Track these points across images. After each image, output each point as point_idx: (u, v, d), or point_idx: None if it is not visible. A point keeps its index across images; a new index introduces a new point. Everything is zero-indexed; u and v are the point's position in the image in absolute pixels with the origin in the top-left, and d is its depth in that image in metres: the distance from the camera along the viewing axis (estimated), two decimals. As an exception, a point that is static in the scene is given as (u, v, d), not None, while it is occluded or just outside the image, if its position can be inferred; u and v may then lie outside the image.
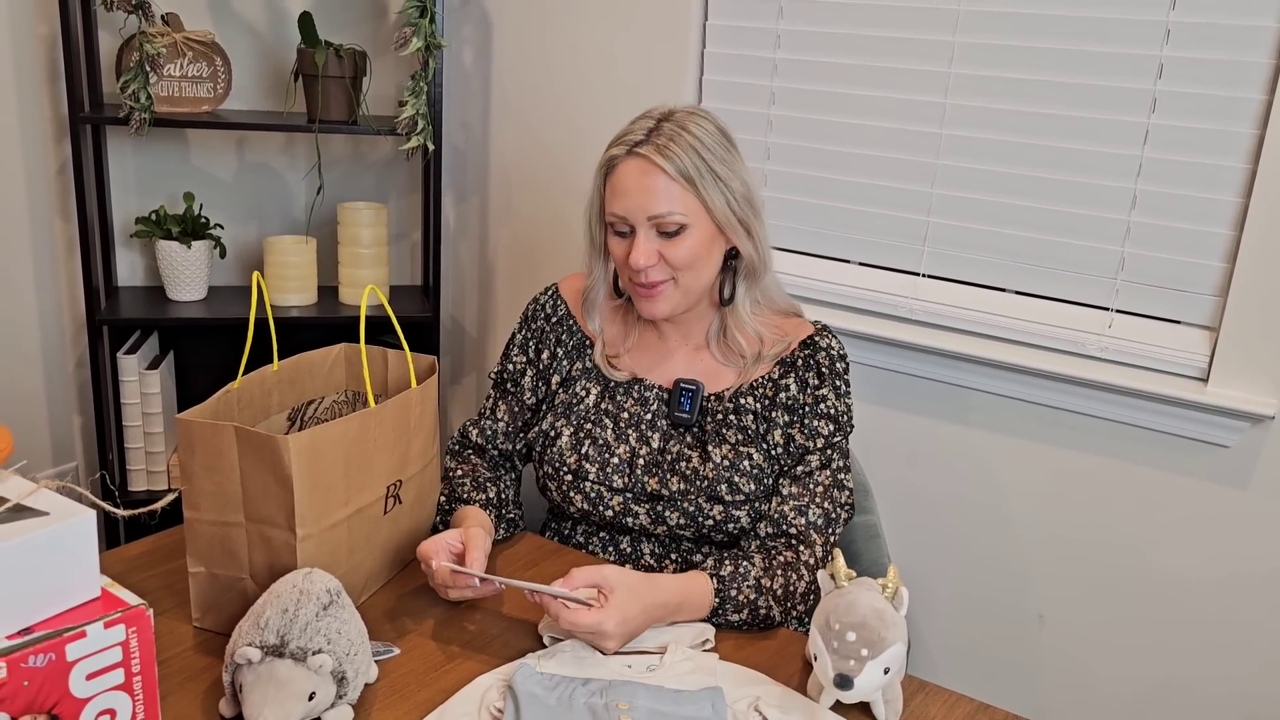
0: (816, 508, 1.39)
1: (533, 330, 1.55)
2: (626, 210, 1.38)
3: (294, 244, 2.40)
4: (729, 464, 1.41)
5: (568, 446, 1.46)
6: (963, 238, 1.89)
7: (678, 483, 1.42)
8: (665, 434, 1.46)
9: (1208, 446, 1.70)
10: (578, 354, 1.53)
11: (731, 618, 1.28)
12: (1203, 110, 1.65)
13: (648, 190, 1.37)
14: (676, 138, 1.37)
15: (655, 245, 1.38)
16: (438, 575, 1.25)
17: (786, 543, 1.38)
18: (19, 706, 0.79)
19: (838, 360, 1.45)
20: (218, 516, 1.17)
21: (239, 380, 1.28)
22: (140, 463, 2.38)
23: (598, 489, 1.44)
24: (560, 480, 1.46)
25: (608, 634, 1.16)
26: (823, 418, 1.42)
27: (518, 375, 1.54)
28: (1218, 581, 1.72)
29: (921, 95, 1.88)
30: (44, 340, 2.46)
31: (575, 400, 1.50)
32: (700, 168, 1.37)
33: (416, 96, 2.22)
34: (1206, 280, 1.69)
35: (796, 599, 1.33)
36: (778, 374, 1.45)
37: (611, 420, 1.47)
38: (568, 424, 1.48)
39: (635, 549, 1.47)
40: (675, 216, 1.37)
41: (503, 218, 2.49)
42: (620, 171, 1.39)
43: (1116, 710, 1.84)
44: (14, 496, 0.85)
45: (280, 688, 1.01)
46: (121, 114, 2.16)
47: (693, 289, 1.42)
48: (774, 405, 1.44)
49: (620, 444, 1.45)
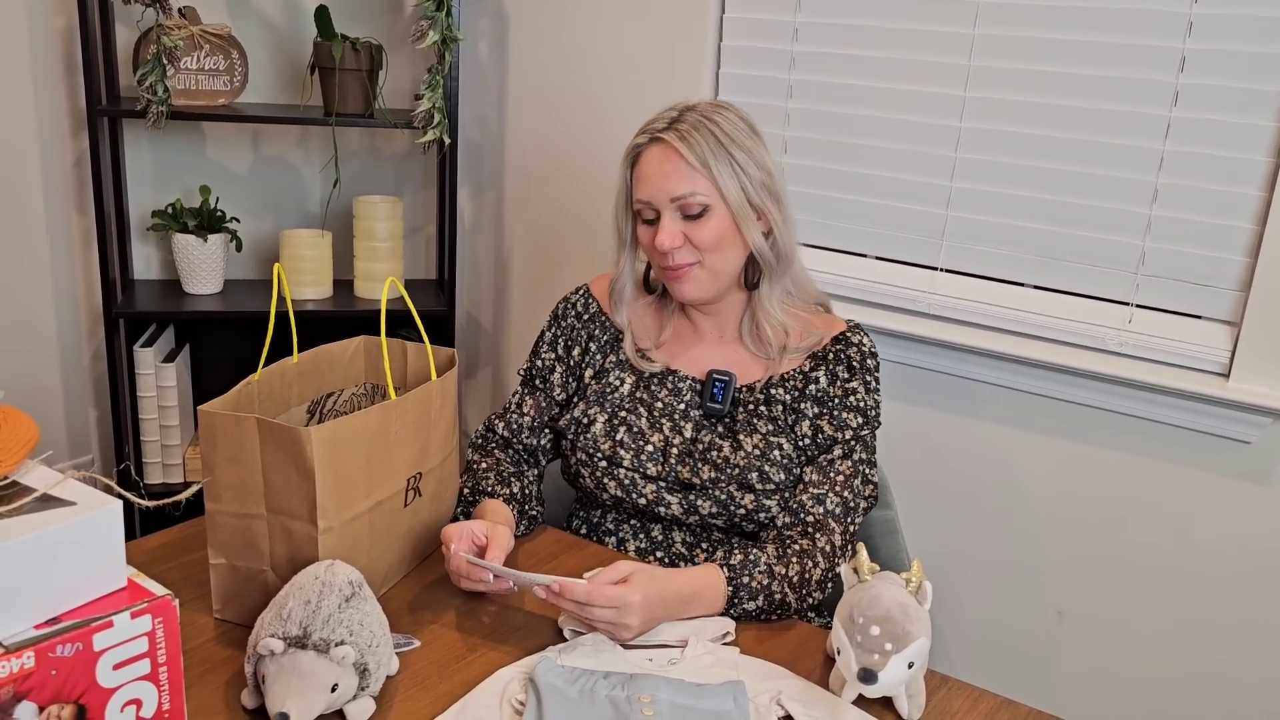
0: (835, 496, 1.40)
1: (563, 328, 1.56)
2: (650, 195, 1.41)
3: (310, 237, 2.40)
4: (760, 453, 1.42)
5: (602, 433, 1.47)
6: (981, 232, 1.88)
7: (709, 471, 1.42)
8: (697, 424, 1.47)
9: (1229, 442, 1.69)
10: (611, 348, 1.54)
11: (748, 605, 1.29)
12: (1225, 103, 1.63)
13: (668, 173, 1.39)
14: (699, 125, 1.39)
15: (680, 227, 1.40)
16: (453, 562, 1.25)
17: (803, 531, 1.38)
18: (46, 696, 0.79)
19: (869, 356, 1.46)
20: (239, 508, 1.17)
21: (259, 372, 1.28)
22: (156, 455, 2.38)
23: (631, 476, 1.45)
24: (594, 466, 1.47)
25: (633, 607, 1.16)
26: (851, 410, 1.43)
27: (546, 372, 1.55)
28: (1239, 578, 1.71)
29: (940, 88, 1.87)
30: (60, 333, 2.47)
31: (609, 389, 1.50)
32: (717, 152, 1.38)
33: (433, 90, 2.21)
34: (1228, 275, 1.68)
35: (812, 586, 1.33)
36: (808, 366, 1.46)
37: (646, 409, 1.48)
38: (601, 411, 1.49)
39: (667, 537, 1.47)
40: (697, 198, 1.38)
41: (519, 211, 2.48)
42: (644, 158, 1.42)
43: (1138, 705, 1.84)
44: (41, 486, 0.85)
45: (303, 679, 1.01)
46: (139, 107, 2.16)
47: (721, 272, 1.43)
48: (803, 397, 1.44)
49: (654, 433, 1.46)
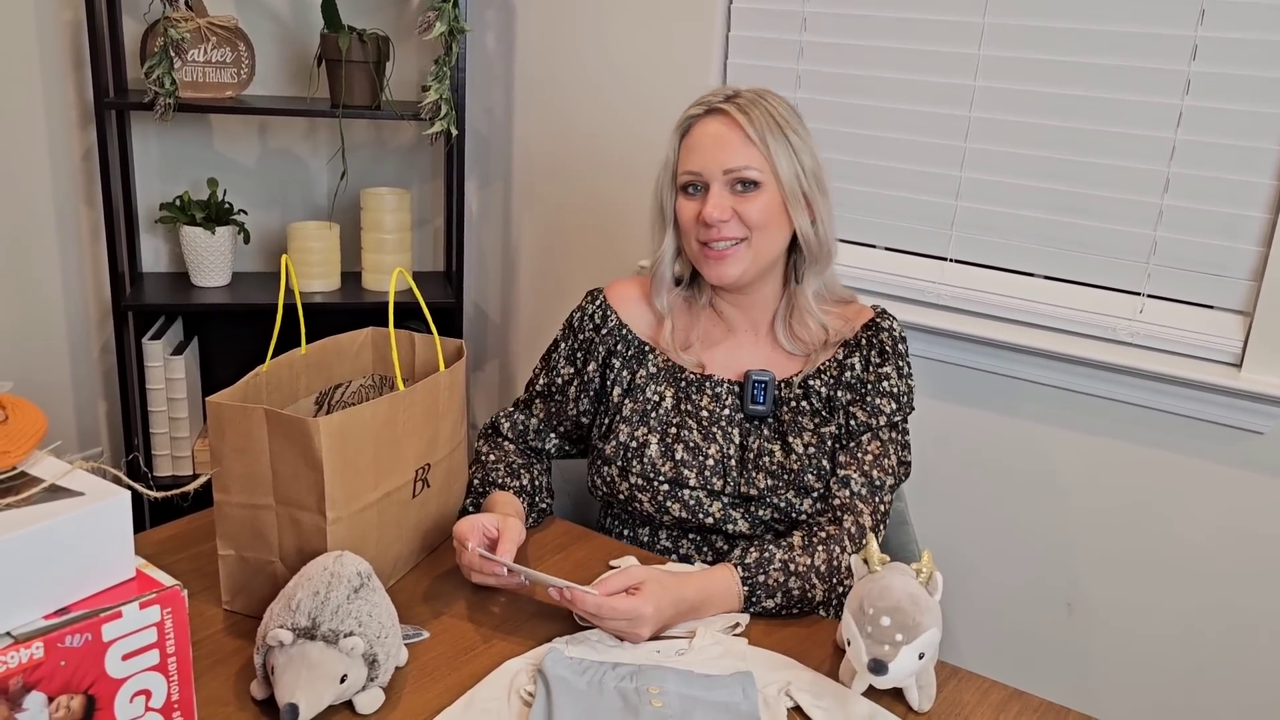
0: (861, 476, 1.38)
1: (580, 341, 1.50)
2: (702, 165, 1.38)
3: (317, 229, 2.40)
4: (814, 449, 1.39)
5: (659, 454, 1.41)
6: (991, 222, 1.87)
7: (764, 479, 1.39)
8: (743, 429, 1.42)
9: (1242, 433, 1.68)
10: (638, 362, 1.48)
11: (766, 604, 1.27)
12: (1237, 92, 1.62)
13: (725, 144, 1.37)
14: (756, 103, 1.39)
15: (729, 200, 1.38)
16: (465, 556, 1.25)
17: (831, 516, 1.36)
18: (56, 686, 0.79)
19: (900, 341, 1.45)
20: (247, 499, 1.17)
21: (268, 363, 1.27)
22: (165, 448, 2.39)
23: (696, 495, 1.40)
24: (655, 490, 1.41)
25: (645, 619, 1.15)
26: (885, 395, 1.41)
27: (565, 386, 1.50)
28: (1252, 569, 1.70)
29: (950, 78, 1.86)
30: (69, 326, 2.47)
31: (650, 406, 1.45)
32: (774, 131, 1.38)
33: (440, 81, 2.21)
34: (1241, 264, 1.66)
35: (843, 573, 1.30)
36: (842, 355, 1.43)
37: (694, 421, 1.43)
38: (651, 431, 1.43)
39: (730, 544, 1.42)
40: (751, 171, 1.37)
41: (526, 203, 2.48)
42: (698, 129, 1.40)
43: (1149, 697, 1.83)
44: (49, 477, 0.85)
45: (312, 670, 1.01)
46: (146, 100, 2.16)
47: (763, 253, 1.40)
48: (839, 384, 1.42)
49: (710, 444, 1.41)
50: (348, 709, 1.05)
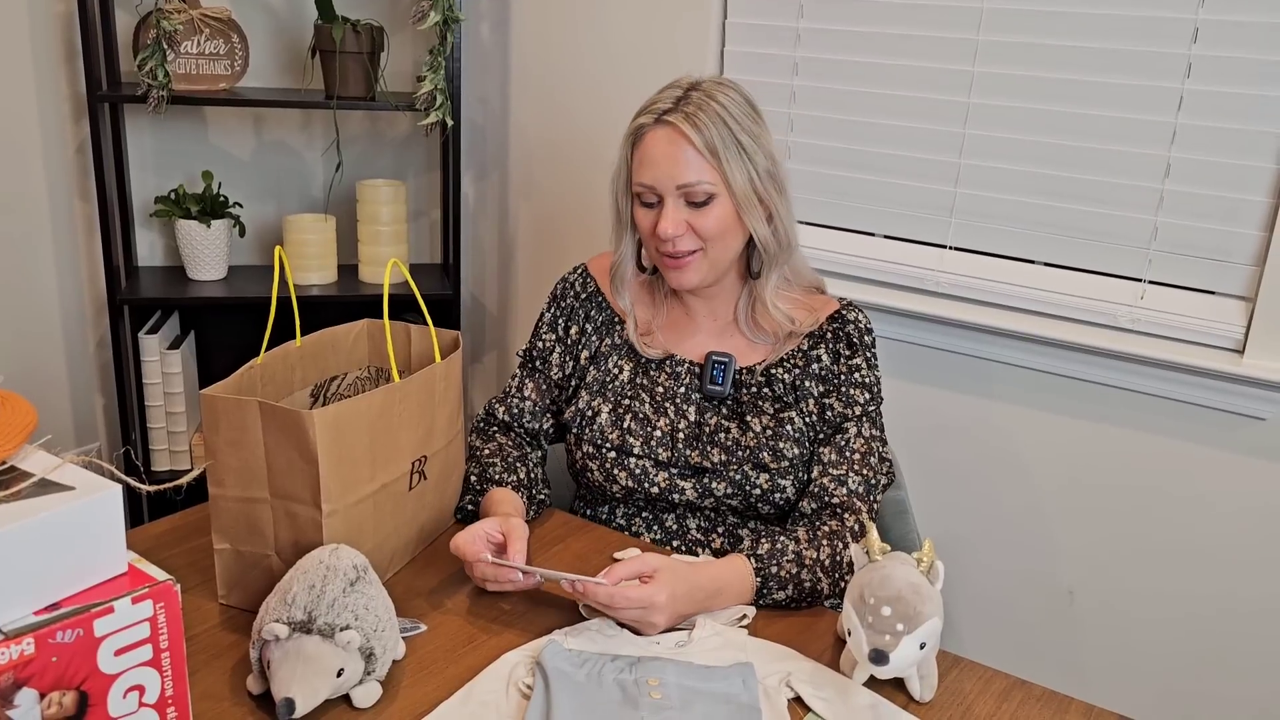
0: (856, 475, 1.38)
1: (562, 308, 1.54)
2: (655, 180, 1.37)
3: (313, 222, 2.39)
4: (771, 431, 1.40)
5: (608, 423, 1.44)
6: (991, 209, 1.86)
7: (719, 454, 1.41)
8: (700, 407, 1.45)
9: (1244, 419, 1.67)
10: (606, 330, 1.52)
11: (777, 595, 1.26)
12: (1238, 76, 1.61)
13: (676, 159, 1.35)
14: (705, 107, 1.35)
15: (683, 215, 1.37)
16: (479, 570, 1.22)
17: (831, 513, 1.37)
18: (47, 682, 0.78)
19: (865, 332, 1.46)
20: (242, 493, 1.16)
21: (262, 356, 1.27)
22: (163, 443, 2.38)
23: (642, 464, 1.43)
24: (603, 458, 1.44)
25: (659, 606, 1.14)
26: (858, 386, 1.42)
27: (547, 353, 1.53)
28: (1254, 556, 1.69)
29: (948, 64, 1.84)
30: (65, 321, 2.46)
31: (609, 378, 1.48)
32: (726, 139, 1.35)
33: (435, 71, 2.20)
34: (1243, 249, 1.65)
35: (845, 568, 1.30)
36: (807, 345, 1.45)
37: (647, 395, 1.46)
38: (605, 401, 1.46)
39: (681, 525, 1.45)
40: (704, 186, 1.36)
41: (523, 194, 2.47)
42: (648, 140, 1.38)
43: (1151, 685, 1.82)
44: (39, 471, 0.84)
45: (308, 664, 1.00)
46: (139, 92, 2.14)
47: (720, 260, 1.42)
48: (806, 375, 1.43)
49: (660, 417, 1.44)
50: (345, 703, 1.05)
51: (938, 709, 1.10)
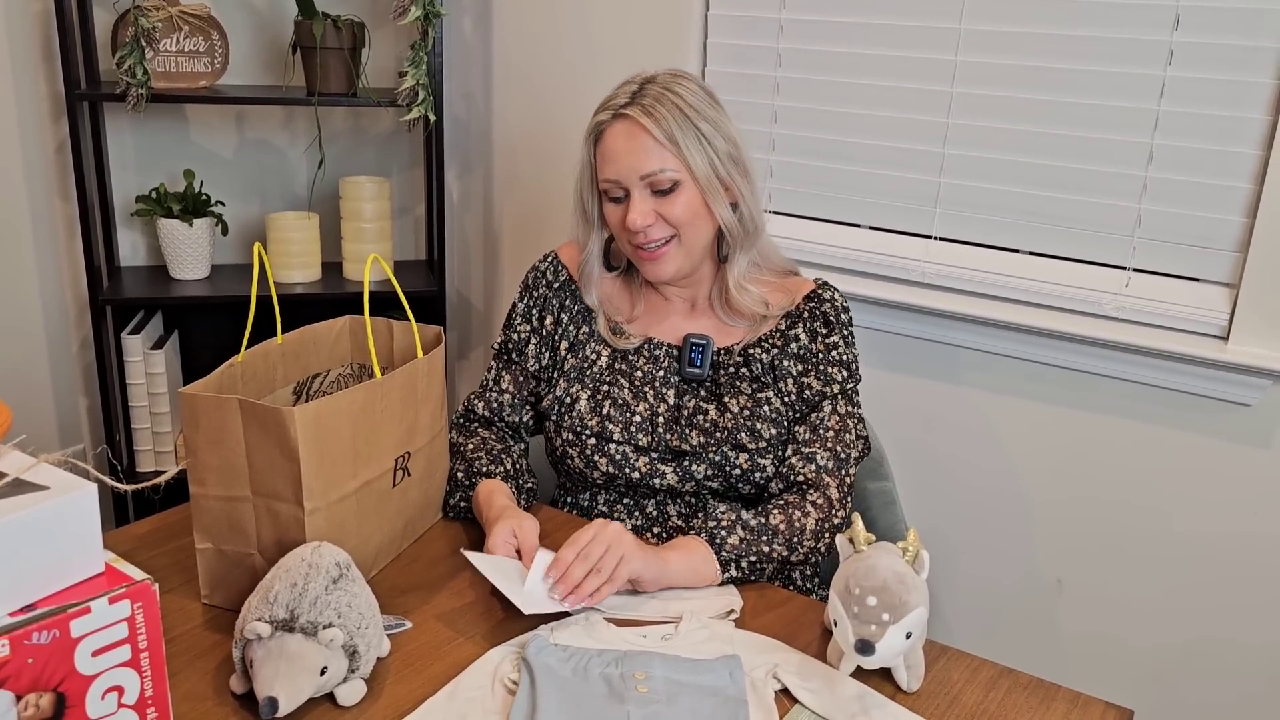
0: (825, 451, 1.40)
1: (535, 298, 1.54)
2: (618, 173, 1.38)
3: (296, 220, 2.37)
4: (749, 412, 1.41)
5: (587, 409, 1.45)
6: (975, 198, 1.85)
7: (698, 436, 1.42)
8: (679, 390, 1.46)
9: (1229, 405, 1.67)
10: (584, 318, 1.52)
11: (743, 564, 1.28)
12: (1221, 62, 1.61)
13: (636, 151, 1.37)
14: (661, 98, 1.37)
15: (650, 204, 1.38)
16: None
17: (795, 489, 1.39)
18: (24, 684, 0.77)
19: (842, 311, 1.47)
20: (224, 491, 1.15)
21: (242, 353, 1.25)
22: (148, 443, 2.36)
23: (623, 450, 1.43)
24: (583, 445, 1.45)
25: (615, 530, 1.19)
26: (835, 364, 1.44)
27: (522, 344, 1.53)
28: (1240, 542, 1.70)
29: (931, 53, 1.84)
30: (47, 322, 2.44)
31: (586, 364, 1.49)
32: (685, 126, 1.37)
33: (416, 67, 2.18)
34: (1226, 236, 1.65)
35: (806, 535, 1.33)
36: (785, 325, 1.46)
37: (626, 380, 1.47)
38: (584, 388, 1.47)
39: (661, 511, 1.46)
40: (667, 174, 1.37)
41: (507, 189, 2.45)
42: (608, 136, 1.40)
43: (1138, 673, 1.83)
44: (13, 471, 0.83)
45: (291, 663, 0.99)
46: (118, 90, 2.13)
47: (695, 246, 1.42)
48: (785, 355, 1.44)
49: (639, 402, 1.45)
50: (329, 701, 1.04)
51: (925, 698, 1.10)
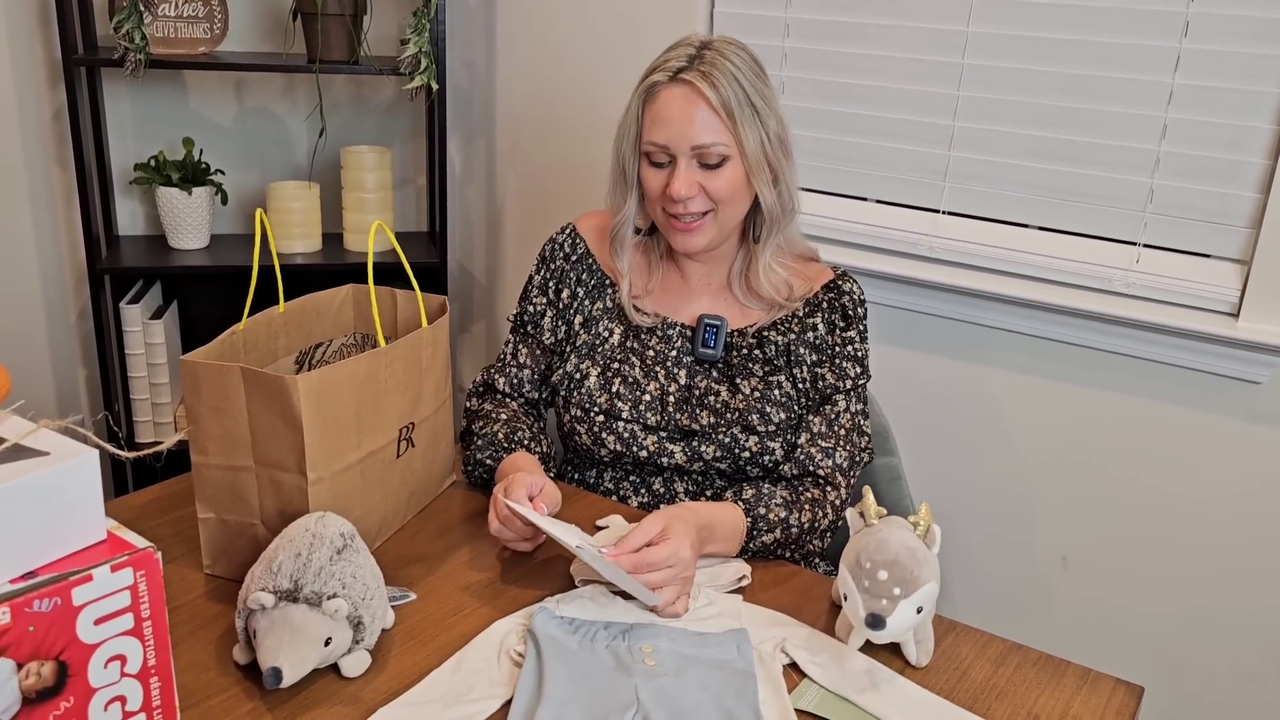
0: (842, 450, 1.39)
1: (552, 270, 1.51)
2: (669, 139, 1.34)
3: (297, 189, 2.35)
4: (759, 395, 1.40)
5: (597, 386, 1.43)
6: (985, 172, 1.83)
7: (708, 417, 1.40)
8: (690, 370, 1.44)
9: (1239, 383, 1.65)
10: (598, 293, 1.49)
11: (765, 538, 1.28)
12: (1236, 34, 1.58)
13: (692, 119, 1.33)
14: (719, 65, 1.33)
15: (696, 176, 1.35)
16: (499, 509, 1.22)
17: (815, 481, 1.38)
18: (25, 653, 0.76)
19: (859, 304, 1.45)
20: (226, 461, 1.14)
21: (244, 322, 1.24)
22: (147, 414, 2.35)
23: (631, 428, 1.41)
24: (591, 422, 1.43)
25: (687, 559, 1.13)
26: (850, 359, 1.43)
27: (538, 316, 1.51)
28: (1249, 520, 1.69)
29: (942, 24, 1.81)
30: (45, 292, 2.42)
31: (599, 340, 1.47)
32: (741, 100, 1.33)
33: (419, 34, 2.15)
34: (1239, 212, 1.63)
35: (818, 534, 1.35)
36: (804, 312, 1.44)
37: (638, 359, 1.44)
38: (594, 364, 1.45)
39: (669, 488, 1.45)
40: (719, 148, 1.33)
41: (510, 159, 2.43)
42: (663, 98, 1.34)
43: (1145, 649, 1.82)
44: (12, 436, 0.81)
45: (295, 633, 0.98)
46: (116, 56, 2.09)
47: (728, 223, 1.40)
48: (800, 342, 1.42)
49: (650, 381, 1.43)
50: (333, 672, 1.03)
51: (934, 673, 1.09)
